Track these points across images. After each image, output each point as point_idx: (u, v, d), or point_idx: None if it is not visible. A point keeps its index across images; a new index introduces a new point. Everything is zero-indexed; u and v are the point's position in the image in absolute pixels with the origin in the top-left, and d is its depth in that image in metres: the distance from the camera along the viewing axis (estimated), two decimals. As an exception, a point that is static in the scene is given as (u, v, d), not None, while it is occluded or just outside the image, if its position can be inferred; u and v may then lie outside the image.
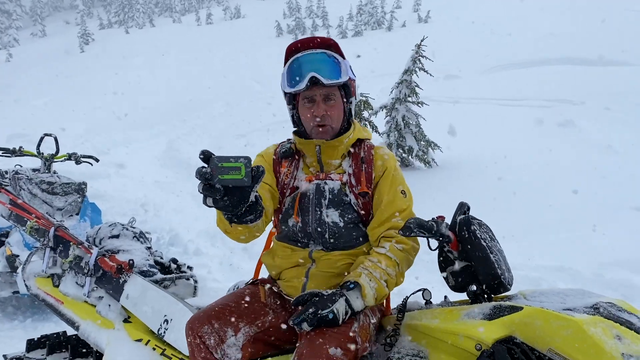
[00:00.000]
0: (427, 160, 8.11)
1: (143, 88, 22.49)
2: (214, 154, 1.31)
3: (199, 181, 1.31)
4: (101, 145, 12.44)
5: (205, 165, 1.31)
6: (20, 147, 4.70)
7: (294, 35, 38.78)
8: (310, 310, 1.61)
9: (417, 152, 8.09)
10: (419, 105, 8.08)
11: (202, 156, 1.31)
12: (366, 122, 7.78)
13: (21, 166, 5.69)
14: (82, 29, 43.16)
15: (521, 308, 1.48)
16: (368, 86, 15.92)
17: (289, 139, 2.01)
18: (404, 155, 8.28)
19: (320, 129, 1.86)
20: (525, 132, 9.11)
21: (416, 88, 8.03)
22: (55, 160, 4.82)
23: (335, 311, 1.62)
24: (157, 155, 11.56)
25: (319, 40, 1.88)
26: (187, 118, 16.43)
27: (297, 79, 1.80)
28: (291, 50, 1.89)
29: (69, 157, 4.89)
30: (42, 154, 4.75)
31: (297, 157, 1.96)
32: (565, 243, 5.26)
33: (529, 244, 5.22)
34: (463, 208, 1.80)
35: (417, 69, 7.92)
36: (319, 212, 1.85)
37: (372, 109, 7.82)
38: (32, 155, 4.73)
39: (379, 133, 8.06)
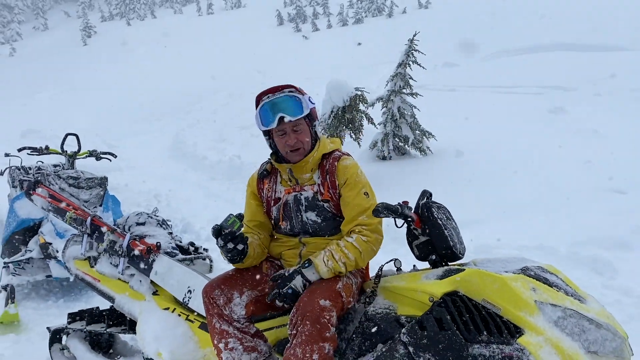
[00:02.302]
0: (423, 149, 8.53)
1: (146, 80, 22.85)
2: (220, 225, 2.16)
3: (223, 244, 2.17)
4: (110, 139, 12.92)
5: (222, 229, 2.16)
6: (47, 146, 5.19)
7: (295, 24, 38.93)
8: (274, 291, 2.16)
9: (413, 141, 8.52)
10: (414, 96, 8.50)
11: (214, 230, 2.16)
12: (362, 115, 8.20)
13: (42, 162, 6.19)
14: (83, 22, 43.40)
15: (464, 269, 1.95)
16: (368, 74, 16.32)
17: (269, 159, 2.50)
18: (400, 144, 8.71)
19: (294, 152, 2.34)
20: (516, 119, 9.49)
21: (410, 80, 8.44)
22: (77, 157, 5.31)
23: (294, 286, 2.14)
24: (164, 147, 12.02)
25: (281, 86, 2.35)
26: (191, 110, 16.82)
27: (269, 118, 2.29)
28: (261, 96, 2.37)
29: (90, 154, 5.38)
30: (66, 151, 5.23)
31: (274, 174, 2.48)
32: (545, 223, 5.67)
33: (512, 225, 5.66)
34: (425, 194, 2.26)
35: (410, 62, 8.33)
36: (299, 216, 2.37)
37: (368, 102, 8.24)
38: (57, 153, 5.21)
39: (374, 125, 8.48)
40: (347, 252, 2.19)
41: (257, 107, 2.37)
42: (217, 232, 2.17)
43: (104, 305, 3.52)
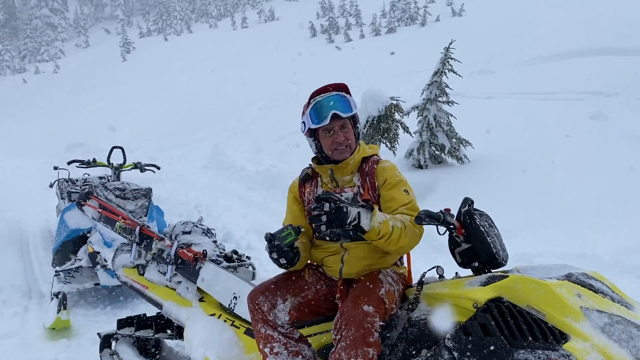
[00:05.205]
0: (460, 157, 8.48)
1: (184, 94, 23.36)
2: (273, 233, 2.24)
3: (272, 251, 2.25)
4: (151, 151, 13.28)
5: (272, 240, 2.23)
6: (94, 159, 5.41)
7: (328, 35, 39.21)
8: (334, 197, 2.06)
9: (450, 149, 8.48)
10: (450, 104, 8.47)
11: (268, 237, 2.23)
12: (398, 124, 8.22)
13: (89, 175, 6.45)
14: (123, 38, 44.75)
15: (507, 276, 1.97)
16: (403, 83, 16.30)
17: (309, 164, 2.58)
18: (436, 152, 8.67)
19: (340, 150, 2.42)
20: (555, 126, 9.32)
21: (446, 88, 8.42)
22: (123, 169, 5.51)
23: (348, 210, 2.04)
24: (203, 159, 12.27)
25: (333, 86, 2.46)
26: (228, 122, 17.10)
27: (321, 116, 2.36)
28: (313, 96, 2.45)
29: (135, 166, 5.58)
30: (112, 164, 5.44)
31: (315, 178, 2.55)
32: (589, 231, 5.56)
33: (553, 233, 5.57)
34: (467, 202, 2.28)
35: (446, 71, 8.31)
36: None
37: (403, 111, 8.25)
38: (104, 165, 5.43)
39: (410, 134, 8.48)
40: (396, 221, 2.21)
41: (306, 108, 2.46)
42: (268, 240, 2.26)
43: (151, 312, 3.65)
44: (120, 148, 5.63)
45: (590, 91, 11.67)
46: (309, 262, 2.65)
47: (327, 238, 2.48)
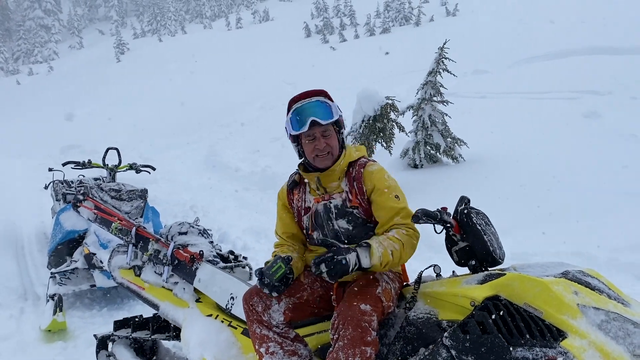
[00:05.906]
0: (455, 156, 8.51)
1: (179, 95, 23.30)
2: (263, 269, 2.31)
3: (263, 287, 2.30)
4: (146, 152, 13.25)
5: (262, 277, 2.29)
6: (89, 160, 5.39)
7: (322, 36, 39.18)
8: (329, 255, 2.11)
9: (445, 149, 8.51)
10: (445, 104, 8.49)
11: (258, 274, 2.31)
12: (393, 123, 8.23)
13: (84, 176, 6.43)
14: (117, 40, 44.58)
15: (504, 274, 1.97)
16: (397, 83, 16.32)
17: (297, 170, 2.57)
18: (432, 152, 8.70)
19: (322, 157, 2.40)
20: (549, 125, 9.36)
21: (441, 88, 8.45)
22: (118, 170, 5.50)
23: (347, 260, 2.10)
24: (198, 160, 12.25)
25: (312, 92, 2.45)
26: (224, 123, 17.08)
27: (301, 123, 2.35)
28: (293, 102, 2.45)
29: (130, 167, 5.56)
30: (107, 165, 5.43)
31: (302, 184, 2.53)
32: (584, 230, 5.59)
33: (549, 231, 5.59)
34: (464, 200, 2.28)
35: (440, 70, 8.34)
36: (331, 224, 2.42)
37: (398, 110, 8.26)
38: (100, 167, 5.41)
39: (405, 133, 8.49)
40: (392, 243, 2.21)
41: (288, 113, 2.45)
42: (259, 277, 2.32)
43: (147, 313, 3.64)
44: (116, 149, 5.61)
45: (583, 90, 11.72)
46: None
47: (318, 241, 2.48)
